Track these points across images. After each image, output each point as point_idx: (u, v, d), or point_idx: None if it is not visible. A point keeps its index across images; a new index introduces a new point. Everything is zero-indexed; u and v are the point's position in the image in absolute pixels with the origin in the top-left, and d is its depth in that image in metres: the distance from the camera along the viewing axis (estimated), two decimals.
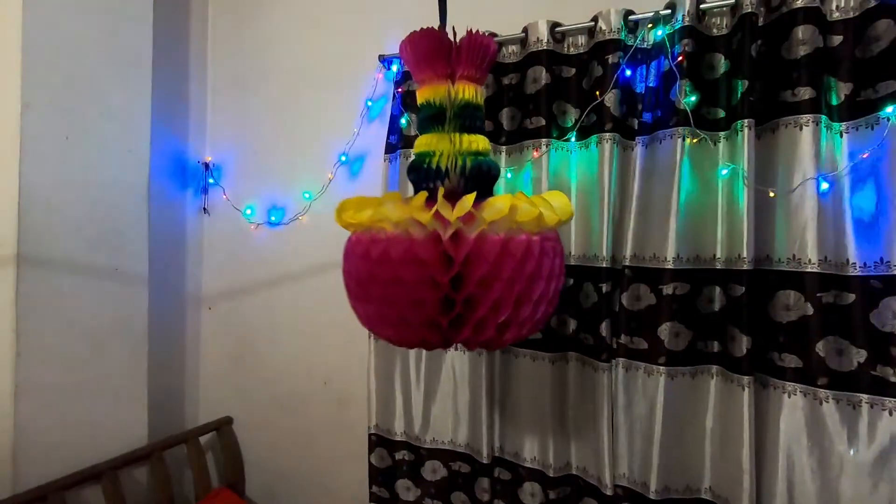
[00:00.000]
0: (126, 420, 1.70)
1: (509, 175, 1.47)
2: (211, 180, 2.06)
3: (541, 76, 1.42)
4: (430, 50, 0.80)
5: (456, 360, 1.60)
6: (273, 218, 1.95)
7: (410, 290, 0.72)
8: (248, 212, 1.99)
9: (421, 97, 0.83)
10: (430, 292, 0.72)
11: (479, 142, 0.81)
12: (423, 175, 0.81)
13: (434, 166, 0.79)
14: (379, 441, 1.66)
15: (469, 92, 0.80)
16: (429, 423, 1.62)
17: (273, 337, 2.00)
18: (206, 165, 2.07)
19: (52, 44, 1.48)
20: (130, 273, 1.69)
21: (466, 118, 0.80)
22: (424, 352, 1.64)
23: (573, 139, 1.39)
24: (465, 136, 0.80)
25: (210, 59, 2.10)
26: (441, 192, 0.73)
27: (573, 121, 1.42)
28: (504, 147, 1.50)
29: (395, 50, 1.67)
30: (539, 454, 1.47)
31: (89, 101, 1.57)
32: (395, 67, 1.69)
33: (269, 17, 1.99)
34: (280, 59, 1.96)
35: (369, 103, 1.77)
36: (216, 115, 2.09)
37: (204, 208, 2.08)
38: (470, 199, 0.71)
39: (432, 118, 0.81)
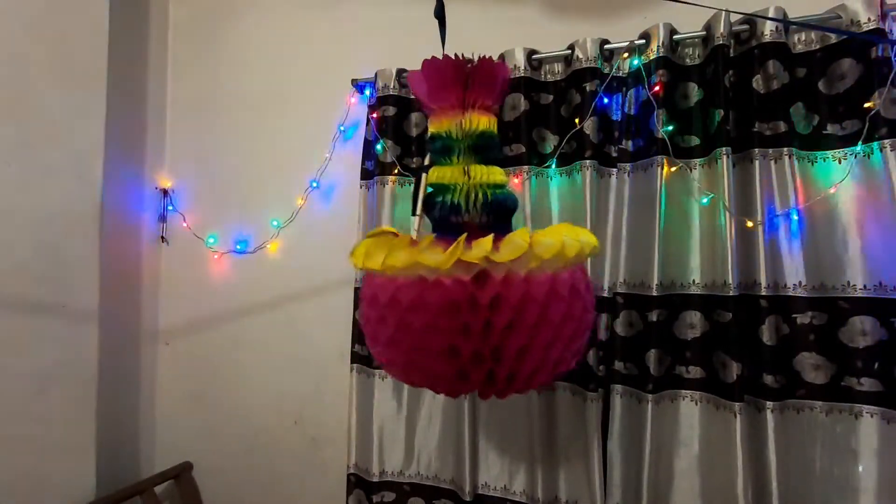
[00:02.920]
0: (72, 474, 1.54)
1: None
2: (170, 207, 1.94)
3: (519, 103, 1.41)
4: (443, 79, 0.76)
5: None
6: (238, 246, 1.85)
7: (445, 337, 0.67)
8: (211, 240, 1.88)
9: (434, 128, 0.80)
10: (463, 340, 0.67)
11: (496, 174, 0.77)
12: (441, 210, 0.76)
13: (451, 201, 0.75)
14: (358, 482, 1.56)
15: (483, 121, 0.77)
16: (412, 459, 1.55)
17: (237, 373, 1.87)
18: (165, 191, 1.95)
19: None
20: (78, 309, 1.55)
21: (482, 149, 0.77)
22: (402, 385, 1.57)
23: (553, 166, 1.39)
24: (481, 168, 0.76)
25: (170, 79, 1.99)
26: (462, 238, 0.68)
27: (552, 147, 1.41)
28: None
29: (369, 74, 1.65)
30: (527, 487, 1.42)
31: (35, 124, 1.44)
32: (367, 92, 1.65)
33: (233, 38, 1.92)
34: (245, 81, 1.89)
35: (341, 128, 1.72)
36: (176, 138, 1.98)
37: (162, 237, 1.95)
38: (488, 241, 0.67)
39: (446, 150, 0.77)
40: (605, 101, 1.35)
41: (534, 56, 1.43)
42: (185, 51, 1.99)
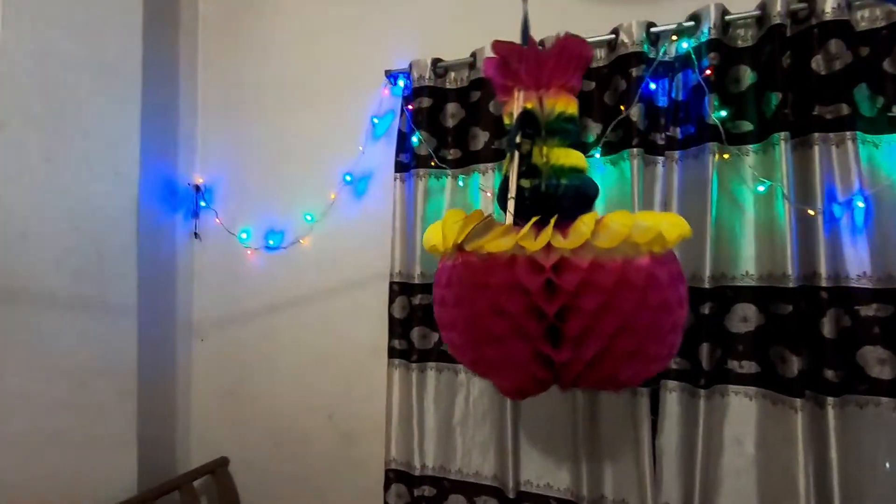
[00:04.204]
0: (114, 468, 1.54)
1: None
2: (202, 203, 1.94)
3: None
4: (517, 59, 0.72)
5: (476, 387, 1.51)
6: (271, 242, 1.84)
7: (513, 320, 0.65)
8: (244, 236, 1.88)
9: (507, 110, 0.76)
10: (533, 323, 0.65)
11: (574, 158, 0.74)
12: (522, 197, 0.73)
13: (537, 188, 0.72)
14: (397, 477, 1.55)
15: (561, 103, 0.74)
16: (453, 455, 1.52)
17: (271, 369, 1.87)
18: (197, 188, 1.95)
19: (31, 58, 1.36)
20: (118, 305, 1.55)
21: (559, 132, 0.73)
22: (444, 380, 1.55)
23: (598, 155, 1.34)
24: (559, 151, 0.73)
25: (200, 74, 1.99)
26: (531, 222, 0.65)
27: (595, 136, 1.37)
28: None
29: (402, 65, 1.63)
30: (572, 484, 1.39)
31: (72, 120, 1.45)
32: (401, 83, 1.62)
33: (263, 31, 1.90)
34: (276, 75, 1.87)
35: (375, 121, 1.70)
36: (207, 134, 1.98)
37: (195, 233, 1.95)
38: (549, 229, 0.64)
39: (525, 134, 0.74)
40: (652, 86, 1.31)
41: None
42: (215, 46, 1.99)
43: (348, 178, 1.72)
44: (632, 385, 0.73)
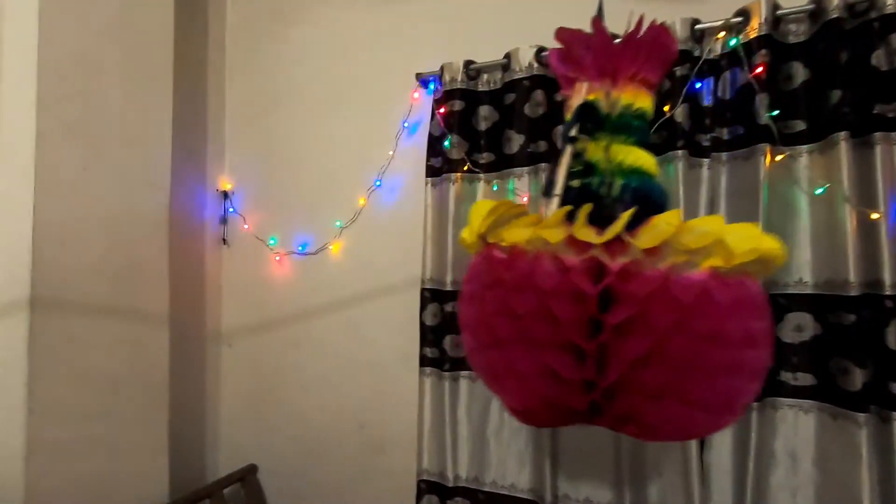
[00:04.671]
0: (146, 475, 1.54)
1: None
2: (230, 209, 1.94)
3: None
4: (582, 47, 0.67)
5: None
6: (299, 248, 1.83)
7: (521, 322, 0.58)
8: (272, 242, 1.87)
9: (570, 104, 0.71)
10: (545, 329, 0.57)
11: (639, 157, 0.67)
12: (570, 197, 0.67)
13: (586, 184, 0.66)
14: (430, 488, 1.51)
15: (630, 96, 0.68)
16: (487, 466, 1.48)
17: (299, 376, 1.85)
18: (225, 194, 1.95)
19: (67, 67, 1.36)
20: (150, 312, 1.55)
21: (625, 128, 0.67)
22: (477, 388, 1.51)
23: None
24: (625, 150, 0.67)
25: (228, 80, 1.99)
26: (585, 210, 0.59)
27: None
28: None
29: (433, 67, 1.60)
30: (614, 499, 1.34)
31: (108, 128, 1.45)
32: (432, 86, 1.59)
33: (291, 37, 1.90)
34: (304, 80, 1.86)
35: (405, 125, 1.67)
36: (235, 140, 1.98)
37: (223, 239, 1.95)
38: (621, 222, 0.58)
39: (583, 129, 0.69)
40: (697, 86, 1.26)
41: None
42: (242, 53, 1.99)
43: (378, 183, 1.70)
44: (671, 437, 0.60)
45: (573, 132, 0.69)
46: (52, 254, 1.31)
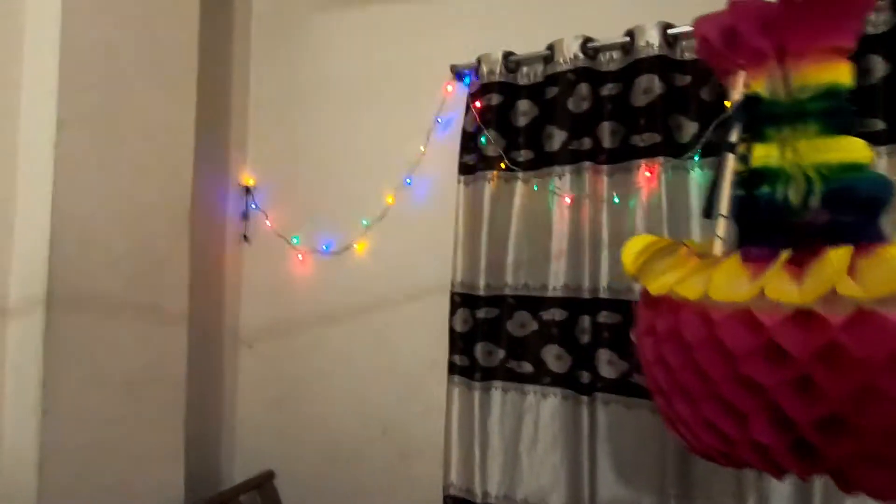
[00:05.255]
0: (161, 480, 1.48)
1: (617, 199, 1.28)
2: (252, 205, 1.87)
3: (653, 85, 1.23)
4: (753, 17, 0.54)
5: (547, 410, 1.38)
6: (323, 246, 1.75)
7: (761, 396, 0.48)
8: (295, 240, 1.80)
9: (741, 89, 0.58)
10: (793, 403, 0.47)
11: (847, 148, 0.52)
12: (754, 209, 0.54)
13: (771, 195, 0.53)
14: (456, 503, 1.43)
15: (819, 71, 0.53)
16: (519, 480, 1.39)
17: (320, 380, 1.78)
18: (247, 189, 1.88)
19: (90, 56, 1.30)
20: (169, 311, 1.49)
21: (817, 114, 0.52)
22: (510, 400, 1.42)
23: (698, 157, 1.20)
24: (821, 143, 0.52)
25: (252, 73, 1.93)
26: (783, 257, 0.47)
27: (691, 136, 1.23)
28: (605, 167, 1.31)
29: (468, 59, 1.52)
30: None
31: (129, 120, 1.39)
32: (468, 79, 1.51)
33: (319, 28, 1.82)
34: (332, 73, 1.79)
35: (438, 120, 1.59)
36: (259, 133, 1.91)
37: (244, 235, 1.89)
38: (837, 264, 0.45)
39: (764, 118, 0.55)
40: None
41: (670, 31, 1.25)
42: (268, 44, 1.92)
43: (408, 180, 1.62)
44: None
45: (734, 137, 0.57)
46: (70, 249, 1.25)
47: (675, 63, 1.25)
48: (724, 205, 0.61)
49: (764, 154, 0.56)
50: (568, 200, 1.33)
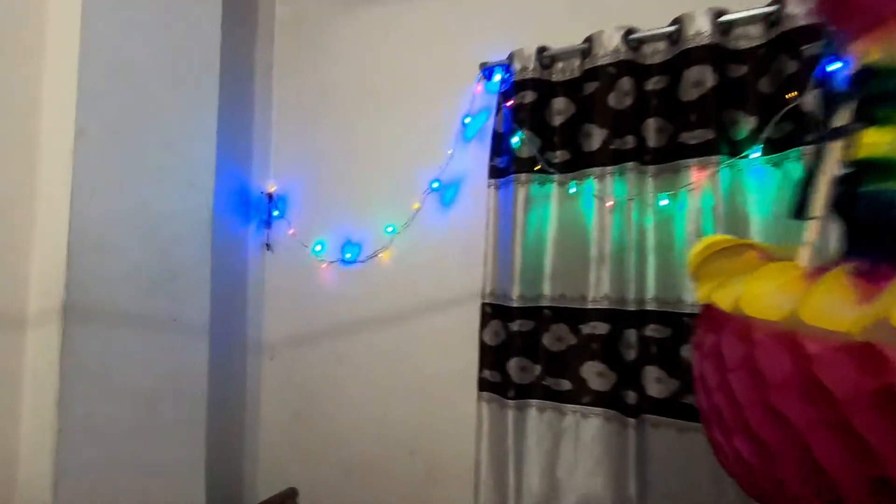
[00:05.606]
0: (182, 498, 1.42)
1: (666, 202, 1.17)
2: (275, 212, 1.82)
3: (706, 77, 1.12)
4: None
5: (588, 431, 1.27)
6: (347, 255, 1.69)
7: (795, 432, 0.39)
8: (318, 248, 1.73)
9: (864, 58, 0.48)
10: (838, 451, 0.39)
11: None
12: (870, 209, 0.45)
13: (886, 197, 0.43)
14: None
15: None
16: None
17: (345, 394, 1.70)
18: (270, 196, 1.84)
19: (110, 62, 1.26)
20: (189, 323, 1.43)
21: None
22: (546, 420, 1.32)
23: (760, 154, 1.08)
24: None
25: (276, 77, 1.89)
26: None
27: (748, 132, 1.11)
28: (650, 168, 1.21)
29: (499, 56, 1.44)
30: None
31: (149, 127, 1.34)
32: (498, 77, 1.42)
33: (342, 30, 1.77)
34: (356, 75, 1.73)
35: (466, 120, 1.51)
36: (281, 139, 1.87)
37: (266, 244, 1.84)
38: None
39: (874, 97, 0.46)
40: (832, 67, 1.03)
41: (721, 18, 1.14)
42: (290, 48, 1.88)
43: (435, 185, 1.54)
44: None
45: (847, 119, 0.46)
46: (88, 259, 1.20)
47: (730, 52, 1.14)
48: (819, 204, 0.50)
49: (877, 141, 0.45)
50: (609, 204, 1.23)
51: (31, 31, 1.24)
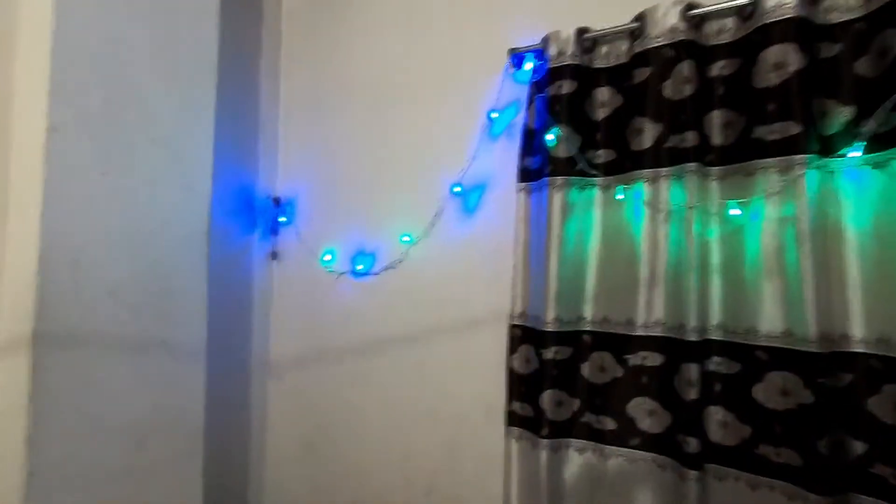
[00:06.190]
0: None
1: (737, 211, 0.97)
2: (282, 219, 1.67)
3: (788, 58, 0.92)
4: None
5: (637, 476, 1.08)
6: (360, 266, 1.52)
7: None
8: (328, 258, 1.57)
9: None
10: None
11: None
12: None
13: None
14: None
15: None
16: None
17: (357, 422, 1.54)
18: (277, 201, 1.68)
19: (90, 50, 1.12)
20: (183, 345, 1.29)
21: None
22: (586, 463, 1.13)
23: (860, 153, 0.88)
24: None
25: (283, 72, 1.74)
26: None
27: (843, 126, 0.91)
28: (715, 170, 1.01)
29: (531, 40, 1.25)
30: None
31: (137, 124, 1.20)
32: (530, 65, 1.24)
33: (355, 21, 1.60)
34: (370, 70, 1.56)
35: (493, 116, 1.32)
36: (289, 139, 1.72)
37: (273, 253, 1.68)
38: None
39: None
40: None
41: None
42: (300, 41, 1.72)
43: (457, 189, 1.36)
44: None
45: None
46: (63, 276, 1.06)
47: (820, 28, 0.93)
48: None
49: None
50: (663, 213, 1.03)
51: (1, 20, 1.10)
